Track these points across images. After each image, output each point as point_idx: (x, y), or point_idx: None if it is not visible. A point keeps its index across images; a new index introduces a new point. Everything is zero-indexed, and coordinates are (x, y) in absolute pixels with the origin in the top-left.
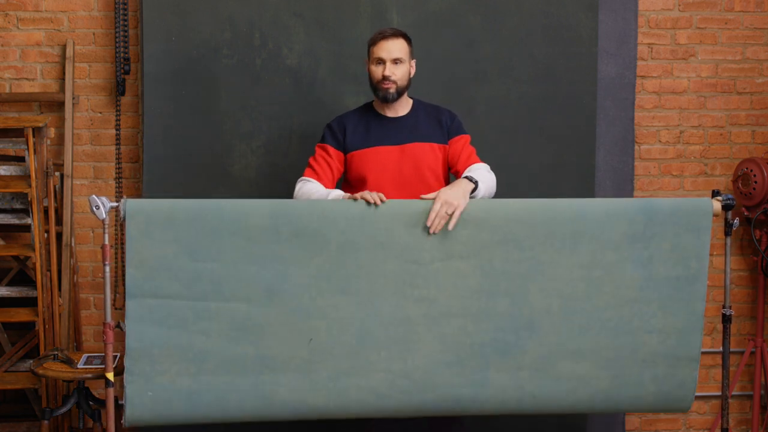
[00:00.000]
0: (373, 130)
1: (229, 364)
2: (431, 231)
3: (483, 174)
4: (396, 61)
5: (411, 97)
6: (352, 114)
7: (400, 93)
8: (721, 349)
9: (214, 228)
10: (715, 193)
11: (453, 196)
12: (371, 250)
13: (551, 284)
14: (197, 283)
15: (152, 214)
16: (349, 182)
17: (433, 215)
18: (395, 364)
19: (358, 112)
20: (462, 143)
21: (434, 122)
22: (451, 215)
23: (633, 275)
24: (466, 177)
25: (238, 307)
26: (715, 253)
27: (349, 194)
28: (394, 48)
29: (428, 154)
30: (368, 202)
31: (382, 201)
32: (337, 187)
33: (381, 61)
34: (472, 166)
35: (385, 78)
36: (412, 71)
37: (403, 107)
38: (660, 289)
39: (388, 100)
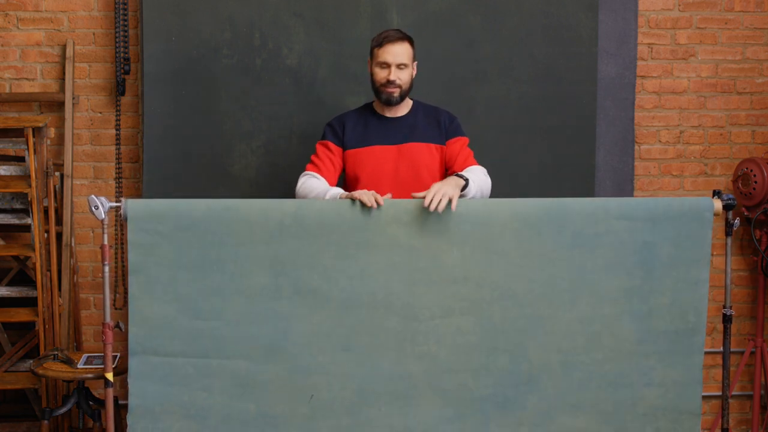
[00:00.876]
0: (372, 129)
1: (230, 420)
2: (431, 208)
3: (477, 175)
4: (401, 66)
5: (411, 98)
6: (352, 113)
7: (403, 97)
8: (721, 349)
9: (216, 286)
10: (716, 194)
11: (445, 186)
12: (371, 307)
13: (550, 339)
14: (199, 341)
15: (154, 273)
16: (346, 180)
17: (429, 197)
18: (396, 419)
19: (358, 112)
20: (459, 145)
21: (433, 123)
22: (449, 201)
23: (632, 329)
24: (457, 174)
25: (239, 365)
26: (715, 253)
27: (346, 193)
28: (399, 52)
29: (425, 154)
30: (365, 204)
31: (378, 204)
32: (339, 183)
33: (386, 65)
34: (468, 168)
35: (390, 82)
36: (414, 73)
37: (402, 108)
38: (659, 343)
39: (392, 103)
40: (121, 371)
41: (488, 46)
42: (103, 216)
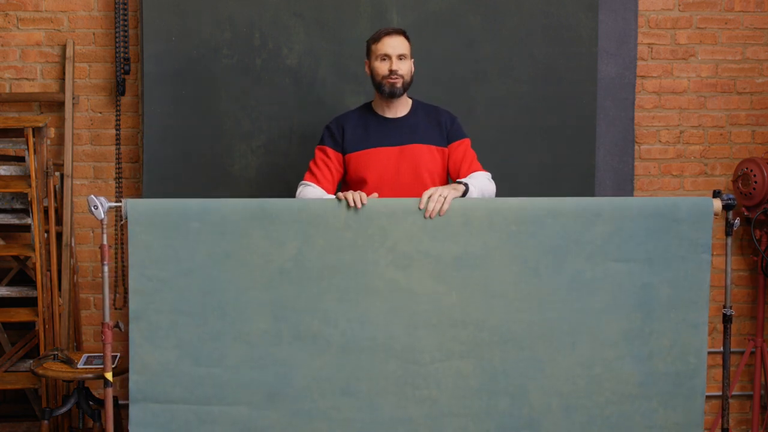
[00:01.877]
0: (372, 130)
1: None
2: (426, 214)
3: (481, 181)
4: (401, 57)
5: (410, 98)
6: (351, 114)
7: (405, 88)
8: (721, 349)
9: (216, 332)
10: (716, 194)
11: (442, 188)
12: (371, 351)
13: (551, 382)
14: (200, 388)
15: (154, 319)
16: (348, 183)
17: (425, 198)
18: None
19: (357, 113)
20: (463, 149)
21: (434, 124)
22: (443, 202)
23: (633, 372)
24: (457, 181)
25: (240, 411)
26: (715, 253)
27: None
28: (398, 44)
29: (426, 155)
30: (349, 204)
31: (363, 203)
32: (338, 189)
33: (386, 57)
34: (473, 174)
35: (392, 72)
36: (413, 69)
37: (402, 108)
38: (660, 385)
39: (396, 95)
40: (121, 371)
41: (488, 46)
42: (103, 216)
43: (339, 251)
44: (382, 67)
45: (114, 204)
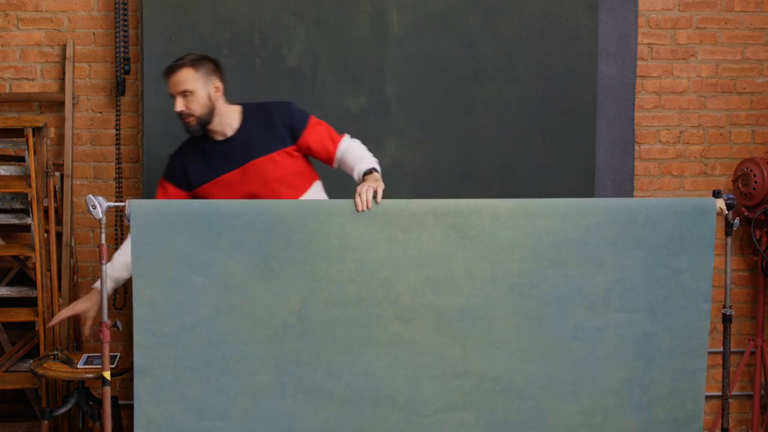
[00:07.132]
0: (211, 159)
1: None
2: (361, 208)
3: (360, 151)
4: (185, 93)
5: (240, 104)
6: (189, 147)
7: (204, 123)
8: (721, 349)
9: (221, 385)
10: (716, 193)
11: (370, 182)
12: (375, 403)
13: (553, 431)
14: None
15: (159, 374)
16: None
17: (357, 198)
18: None
19: (193, 143)
20: (316, 132)
21: (269, 128)
22: (375, 194)
23: (633, 420)
24: (367, 169)
25: None
26: (715, 253)
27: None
28: (178, 81)
29: (270, 166)
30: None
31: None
32: None
33: (172, 96)
34: (346, 148)
35: (180, 114)
36: (216, 92)
37: (230, 124)
38: None
39: (195, 133)
40: (121, 371)
41: (488, 46)
42: (101, 215)
43: (342, 304)
44: (174, 106)
45: (113, 204)
